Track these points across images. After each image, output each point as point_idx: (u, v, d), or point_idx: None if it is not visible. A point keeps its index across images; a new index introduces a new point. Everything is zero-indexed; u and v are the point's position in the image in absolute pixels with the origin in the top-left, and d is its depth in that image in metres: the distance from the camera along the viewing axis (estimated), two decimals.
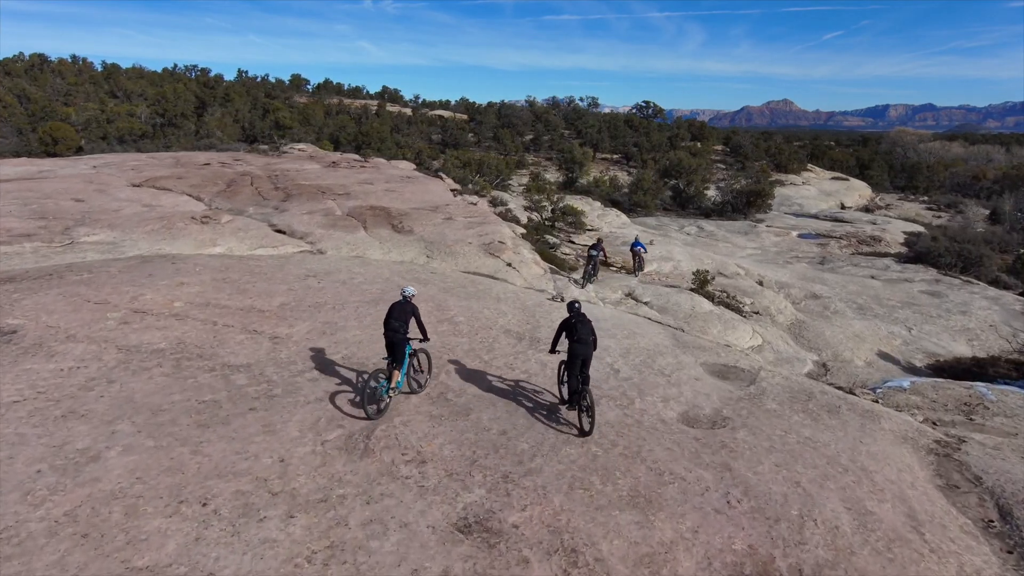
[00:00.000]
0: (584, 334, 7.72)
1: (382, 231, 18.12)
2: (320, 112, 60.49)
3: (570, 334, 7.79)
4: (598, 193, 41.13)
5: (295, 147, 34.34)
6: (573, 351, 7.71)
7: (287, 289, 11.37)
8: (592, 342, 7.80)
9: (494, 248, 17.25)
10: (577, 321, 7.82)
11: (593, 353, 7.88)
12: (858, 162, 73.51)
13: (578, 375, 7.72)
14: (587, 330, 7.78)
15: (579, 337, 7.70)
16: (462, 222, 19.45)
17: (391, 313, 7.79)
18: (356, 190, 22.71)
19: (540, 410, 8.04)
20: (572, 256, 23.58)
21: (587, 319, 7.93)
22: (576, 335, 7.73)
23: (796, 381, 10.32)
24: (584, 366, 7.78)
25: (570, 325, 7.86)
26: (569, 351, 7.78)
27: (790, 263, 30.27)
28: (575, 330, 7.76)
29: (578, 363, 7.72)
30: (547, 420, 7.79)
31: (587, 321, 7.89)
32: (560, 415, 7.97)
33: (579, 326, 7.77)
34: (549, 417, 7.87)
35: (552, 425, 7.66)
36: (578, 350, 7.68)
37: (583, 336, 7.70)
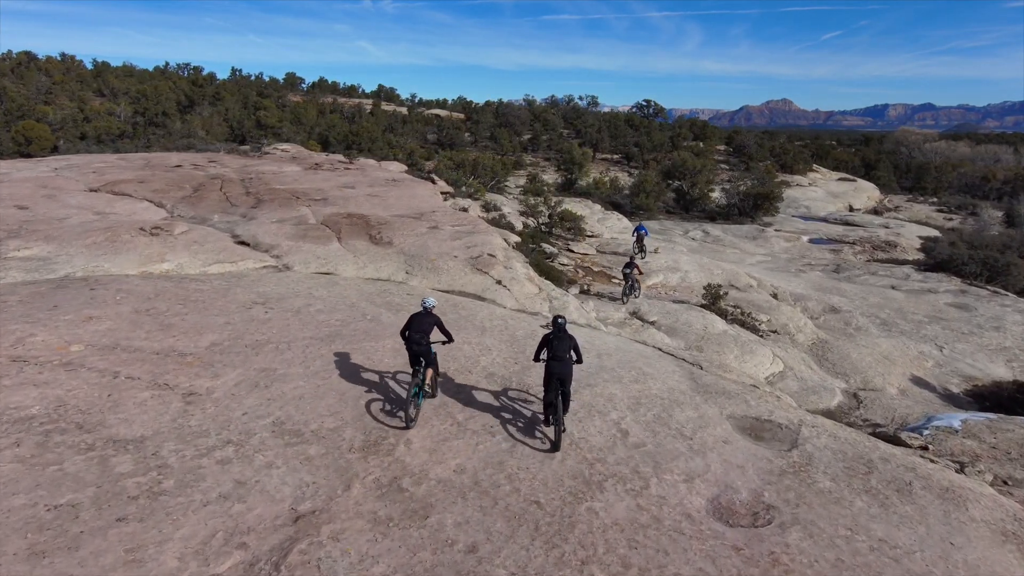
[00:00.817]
0: (561, 351, 7.41)
1: (358, 243, 16.04)
2: (313, 111, 58.39)
3: (548, 349, 7.51)
4: (598, 195, 39.05)
5: (279, 148, 32.25)
6: (548, 368, 7.43)
7: (224, 323, 9.30)
8: (570, 359, 7.44)
9: (483, 263, 15.17)
10: (555, 337, 7.53)
11: (572, 371, 7.46)
12: (863, 162, 71.44)
13: (556, 391, 7.36)
14: (564, 347, 7.46)
15: (555, 354, 7.41)
16: (449, 232, 17.37)
17: (411, 326, 7.73)
18: (335, 195, 20.62)
19: (526, 503, 5.99)
20: (571, 267, 21.50)
21: (567, 336, 7.58)
22: (552, 351, 7.44)
23: (846, 440, 8.25)
24: (562, 384, 7.38)
25: (548, 340, 7.55)
26: (545, 367, 7.48)
27: (803, 271, 28.20)
28: (552, 346, 7.49)
29: (554, 380, 7.36)
30: (537, 521, 5.74)
31: (566, 337, 7.55)
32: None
33: (556, 342, 7.48)
34: (539, 514, 5.82)
35: (545, 526, 5.62)
36: (553, 367, 7.38)
37: (559, 353, 7.39)
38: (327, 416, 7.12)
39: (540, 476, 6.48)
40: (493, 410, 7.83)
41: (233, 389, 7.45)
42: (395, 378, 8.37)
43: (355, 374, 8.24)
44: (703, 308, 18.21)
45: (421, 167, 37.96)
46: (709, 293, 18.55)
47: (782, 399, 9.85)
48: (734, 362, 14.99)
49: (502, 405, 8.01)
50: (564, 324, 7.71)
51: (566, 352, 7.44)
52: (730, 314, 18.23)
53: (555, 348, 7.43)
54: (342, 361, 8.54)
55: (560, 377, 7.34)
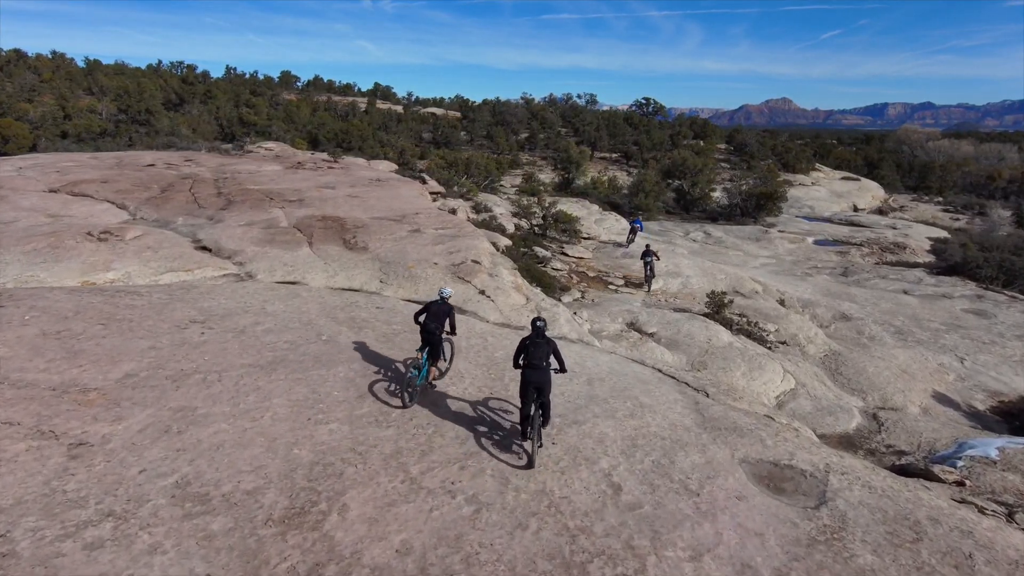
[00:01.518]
0: (537, 357, 6.86)
1: (331, 248, 14.61)
2: (307, 110, 57.00)
3: (525, 355, 6.96)
4: (596, 195, 37.59)
5: (263, 146, 30.83)
6: (524, 376, 6.89)
7: (148, 347, 7.88)
8: (548, 367, 6.88)
9: (465, 271, 13.73)
10: (531, 343, 6.98)
11: (551, 379, 6.89)
12: (866, 161, 69.95)
13: (531, 402, 6.80)
14: (542, 352, 6.90)
15: (530, 361, 6.88)
16: (431, 235, 15.94)
17: (428, 314, 7.87)
18: (312, 196, 19.19)
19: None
20: (565, 272, 20.05)
21: (543, 341, 6.97)
22: (528, 358, 6.90)
23: (884, 491, 6.83)
24: (540, 393, 6.81)
25: (525, 346, 7.00)
26: (521, 375, 6.93)
27: (810, 275, 26.75)
28: (528, 352, 6.95)
29: (531, 390, 6.81)
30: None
31: (544, 343, 6.95)
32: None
33: (532, 348, 6.93)
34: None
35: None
36: (529, 376, 6.84)
37: (534, 360, 6.86)
38: (247, 472, 5.70)
39: (507, 557, 5.05)
40: (457, 459, 6.41)
41: (136, 437, 6.03)
42: (345, 418, 6.94)
43: (293, 413, 6.82)
44: (706, 317, 16.78)
45: (413, 166, 36.53)
46: (713, 301, 17.11)
47: (802, 434, 8.43)
48: (742, 380, 13.57)
49: (468, 451, 6.58)
50: (543, 327, 7.12)
51: (543, 359, 6.88)
52: (735, 324, 16.80)
53: (531, 355, 6.87)
54: (281, 396, 7.13)
55: (537, 386, 6.79)
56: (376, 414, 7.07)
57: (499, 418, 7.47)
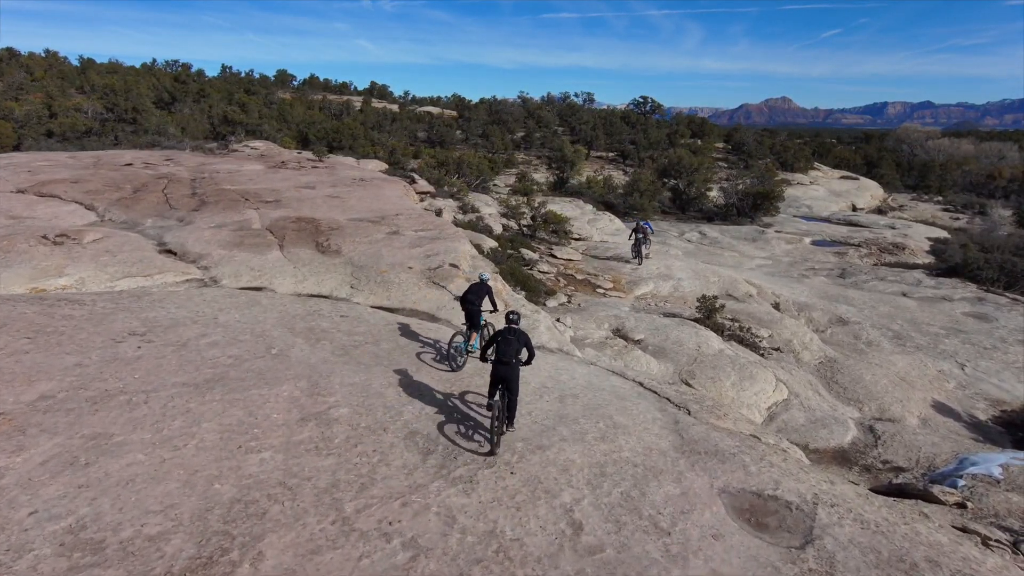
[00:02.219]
0: (507, 355, 6.92)
1: (302, 251, 13.91)
2: (301, 108, 56.30)
3: (495, 350, 7.02)
4: (590, 195, 36.89)
5: (249, 145, 30.13)
6: (493, 370, 6.96)
7: (74, 364, 7.20)
8: (517, 363, 6.96)
9: (441, 275, 13.03)
10: (502, 338, 7.05)
11: (519, 375, 6.97)
12: (865, 160, 69.18)
13: (497, 393, 6.80)
14: (512, 350, 6.96)
15: (499, 356, 6.95)
16: (409, 238, 15.23)
17: (470, 291, 9.08)
18: (290, 196, 18.49)
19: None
20: (552, 275, 19.33)
21: (514, 337, 7.01)
22: (498, 353, 6.96)
23: (878, 527, 6.12)
24: (507, 387, 6.89)
25: (496, 340, 7.09)
26: (491, 368, 7.00)
27: (806, 276, 26.04)
28: (498, 347, 7.00)
29: (498, 383, 6.87)
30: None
31: (515, 340, 7.00)
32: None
33: (502, 344, 6.99)
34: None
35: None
36: (498, 370, 6.92)
37: (503, 356, 6.92)
38: (155, 513, 5.01)
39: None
40: (401, 493, 5.72)
41: (35, 471, 5.35)
42: (281, 445, 6.25)
43: (222, 440, 6.13)
44: (697, 323, 16.08)
45: (404, 165, 35.84)
46: (704, 306, 16.40)
47: (790, 456, 7.73)
48: (731, 390, 12.87)
49: (415, 484, 5.89)
50: (517, 320, 7.26)
51: (512, 356, 6.93)
52: (727, 329, 16.10)
53: (501, 351, 6.92)
54: (212, 420, 6.44)
55: (504, 381, 6.87)
56: (317, 440, 6.37)
57: (457, 443, 6.78)
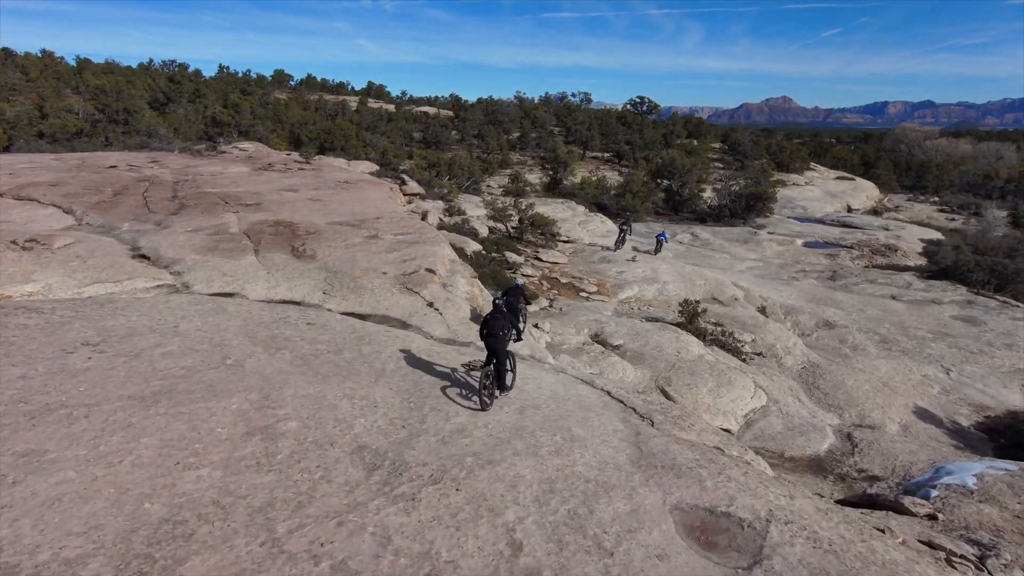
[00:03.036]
0: (494, 328, 8.08)
1: (277, 256, 13.77)
2: (296, 109, 56.19)
3: (486, 327, 8.14)
4: (583, 196, 36.73)
5: (238, 146, 29.99)
6: (485, 343, 8.16)
7: (18, 376, 7.05)
8: (503, 336, 8.08)
9: (416, 281, 12.87)
10: (491, 317, 8.21)
11: (505, 347, 8.19)
12: (863, 160, 68.90)
13: (489, 362, 8.07)
14: (498, 325, 8.09)
15: (489, 331, 8.10)
16: (388, 242, 15.09)
17: (507, 293, 10.53)
18: (271, 199, 18.35)
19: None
20: (536, 278, 19.19)
21: (501, 316, 8.20)
22: (487, 328, 8.13)
23: (831, 545, 5.96)
24: (496, 357, 8.09)
25: (486, 319, 8.21)
26: (484, 343, 8.19)
27: (796, 279, 25.86)
28: (487, 323, 8.15)
29: (491, 356, 8.10)
30: None
31: (501, 318, 8.17)
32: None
33: (491, 321, 8.15)
34: None
35: None
36: (488, 343, 8.11)
37: (493, 330, 8.07)
38: (78, 535, 4.86)
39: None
40: (338, 512, 5.56)
41: None
42: (221, 461, 6.10)
43: (160, 456, 5.98)
44: (679, 327, 15.93)
45: (395, 167, 35.70)
46: (686, 310, 16.24)
47: (752, 469, 7.56)
48: (708, 397, 12.71)
49: (355, 502, 5.73)
50: (502, 304, 8.56)
51: (500, 329, 8.06)
52: (709, 334, 15.94)
53: (490, 326, 8.09)
54: (153, 435, 6.29)
55: (492, 350, 8.04)
56: (260, 456, 6.22)
57: (405, 458, 6.62)
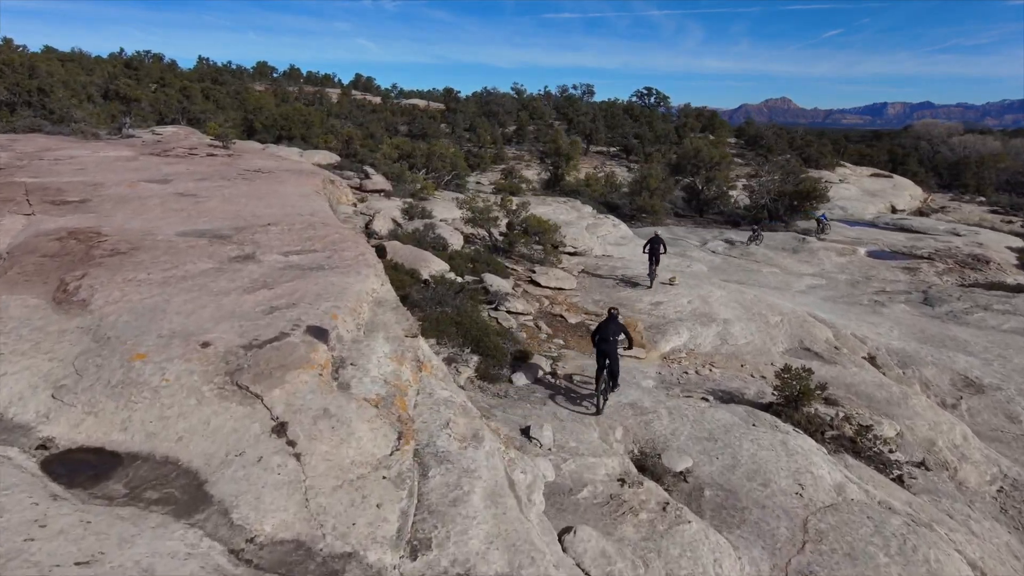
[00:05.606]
0: (607, 333, 8.68)
1: (20, 301, 6.87)
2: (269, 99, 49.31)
3: (599, 333, 8.77)
4: (589, 194, 29.78)
5: (155, 130, 23.12)
6: (597, 348, 8.76)
7: None
8: (615, 342, 8.62)
9: (269, 365, 5.84)
10: (604, 324, 8.83)
11: (616, 352, 8.69)
12: (890, 157, 61.98)
13: (604, 367, 8.63)
14: (609, 330, 8.67)
15: (602, 336, 8.72)
16: (264, 268, 8.12)
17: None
18: (111, 194, 11.41)
19: None
20: (530, 317, 12.19)
21: (613, 323, 8.76)
22: (600, 334, 8.75)
23: None
24: (610, 361, 8.62)
25: (600, 325, 8.90)
26: (596, 348, 8.80)
27: (882, 303, 18.88)
28: (600, 329, 8.80)
29: (603, 359, 8.66)
30: None
31: (611, 324, 8.72)
32: None
33: (604, 326, 8.79)
34: None
35: None
36: (600, 347, 8.71)
37: (605, 335, 8.68)
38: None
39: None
40: None
41: None
42: None
43: None
44: (776, 414, 8.98)
45: (363, 157, 28.78)
46: (787, 385, 9.26)
47: None
48: None
49: None
50: (617, 315, 9.04)
51: (611, 334, 8.60)
52: (829, 426, 9.00)
53: (603, 331, 8.71)
54: None
55: (606, 355, 8.60)
56: None
57: None
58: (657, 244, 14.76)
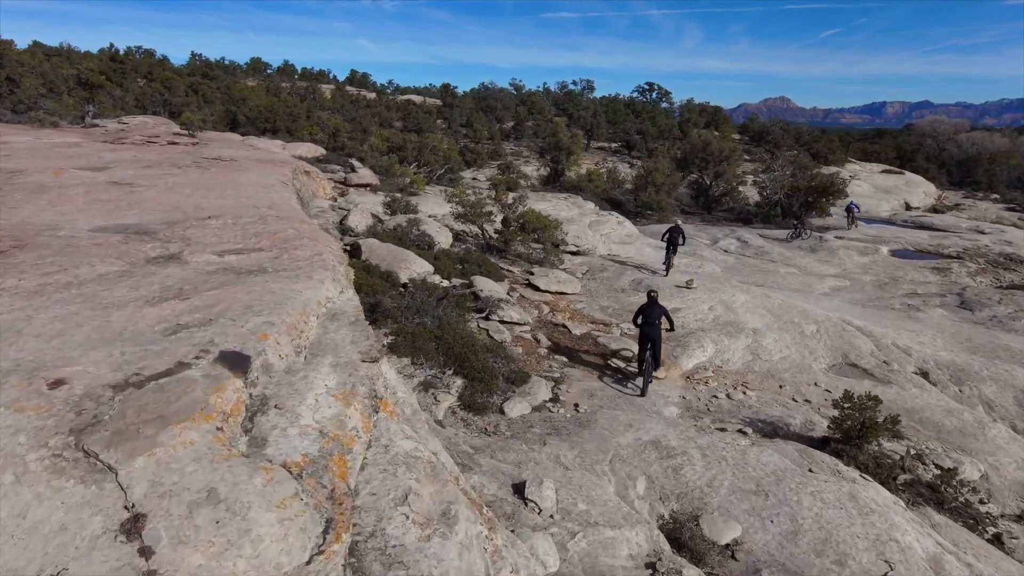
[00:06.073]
0: (650, 316, 8.58)
1: None
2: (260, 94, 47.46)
3: (642, 315, 8.67)
4: (591, 191, 27.93)
5: (121, 119, 21.25)
6: (641, 331, 8.70)
7: None
8: (659, 325, 8.54)
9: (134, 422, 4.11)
10: (647, 306, 8.75)
11: (660, 335, 8.61)
12: (898, 154, 60.18)
13: (647, 350, 8.58)
14: (653, 313, 8.59)
15: (646, 319, 8.61)
16: (189, 271, 6.25)
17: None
18: (29, 182, 9.58)
19: None
20: (527, 328, 10.33)
21: (658, 305, 8.70)
22: (644, 317, 8.66)
23: None
24: (652, 344, 8.58)
25: (642, 308, 8.78)
26: (639, 331, 8.74)
27: (916, 308, 17.03)
28: (643, 312, 8.70)
29: (646, 342, 8.62)
30: None
31: (655, 307, 8.64)
32: None
33: (647, 309, 8.69)
34: None
35: None
36: (644, 331, 8.62)
37: (649, 318, 8.57)
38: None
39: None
40: None
41: None
42: None
43: None
44: (835, 454, 7.12)
45: (351, 150, 26.92)
46: (847, 416, 7.41)
47: None
48: None
49: None
50: (656, 296, 8.92)
51: (655, 317, 8.52)
52: (902, 468, 7.14)
53: (646, 314, 8.60)
54: None
55: (650, 338, 8.53)
56: None
57: None
58: (676, 234, 14.61)
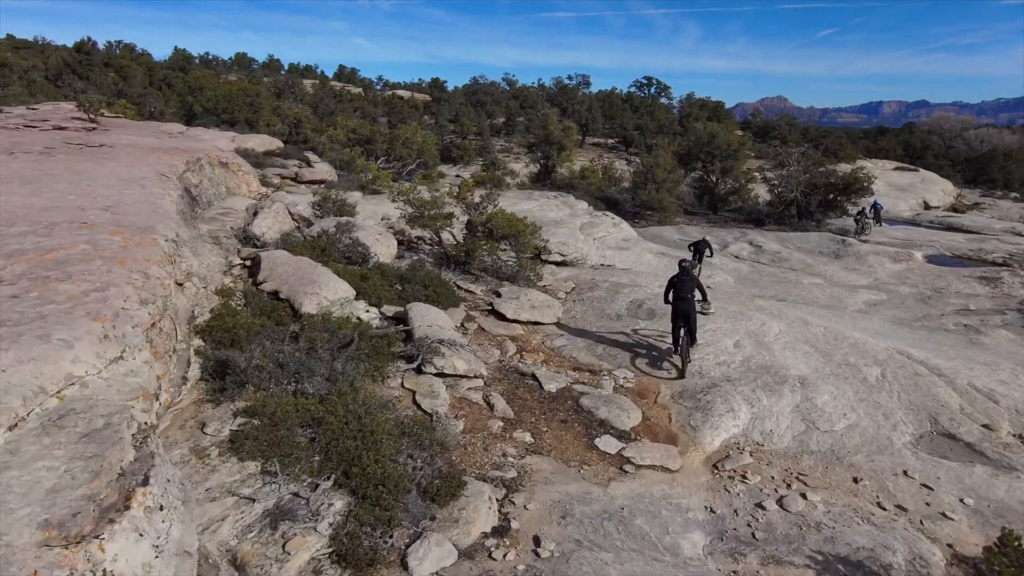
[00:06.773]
0: (682, 291, 7.99)
1: None
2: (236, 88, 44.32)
3: (674, 291, 8.10)
4: (585, 188, 24.76)
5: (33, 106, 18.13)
6: (674, 307, 8.05)
7: None
8: (692, 298, 7.94)
9: None
10: (678, 280, 8.12)
11: (694, 309, 7.99)
12: (907, 151, 57.08)
13: (681, 327, 7.93)
14: (685, 288, 7.99)
15: (677, 294, 8.05)
16: None
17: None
18: None
19: None
20: (479, 385, 7.16)
21: (688, 279, 8.08)
22: (675, 292, 8.08)
23: None
24: (686, 320, 7.93)
25: (672, 282, 8.20)
26: (672, 307, 8.09)
27: (973, 328, 13.83)
28: (675, 287, 8.11)
29: (679, 318, 7.96)
30: None
31: (688, 280, 8.05)
32: None
33: (678, 284, 8.08)
34: None
35: None
36: (678, 306, 7.99)
37: (681, 292, 7.99)
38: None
39: None
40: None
41: None
42: None
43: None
44: None
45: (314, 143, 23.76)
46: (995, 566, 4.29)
47: None
48: None
49: None
50: (689, 267, 8.31)
51: (688, 292, 7.91)
52: None
53: (677, 289, 8.00)
54: None
55: (684, 313, 7.87)
56: None
57: None
58: (704, 247, 14.14)
